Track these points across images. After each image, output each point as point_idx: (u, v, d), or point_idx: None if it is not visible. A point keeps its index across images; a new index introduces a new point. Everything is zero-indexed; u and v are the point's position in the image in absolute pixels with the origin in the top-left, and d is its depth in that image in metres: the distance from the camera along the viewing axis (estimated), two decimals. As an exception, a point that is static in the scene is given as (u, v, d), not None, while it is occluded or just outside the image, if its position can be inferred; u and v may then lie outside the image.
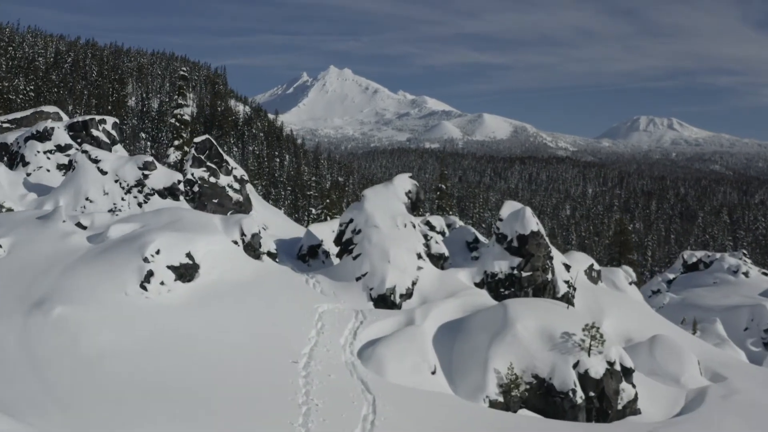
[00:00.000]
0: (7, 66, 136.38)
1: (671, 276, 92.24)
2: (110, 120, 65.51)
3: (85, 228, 39.47)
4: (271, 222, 66.01)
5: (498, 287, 43.34)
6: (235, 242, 39.87)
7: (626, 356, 34.39)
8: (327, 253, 47.58)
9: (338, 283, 40.82)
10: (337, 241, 44.51)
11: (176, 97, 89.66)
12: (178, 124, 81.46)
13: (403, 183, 46.21)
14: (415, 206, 46.51)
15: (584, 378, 32.15)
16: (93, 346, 26.79)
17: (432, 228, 52.10)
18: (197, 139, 63.76)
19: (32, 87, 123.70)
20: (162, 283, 32.82)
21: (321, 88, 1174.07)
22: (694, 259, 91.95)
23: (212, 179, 62.45)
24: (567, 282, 45.60)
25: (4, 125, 71.04)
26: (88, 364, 25.54)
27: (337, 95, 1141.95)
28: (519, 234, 43.95)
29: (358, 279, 40.56)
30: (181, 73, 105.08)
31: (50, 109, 74.34)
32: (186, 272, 34.29)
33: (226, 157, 64.87)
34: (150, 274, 32.60)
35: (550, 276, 44.06)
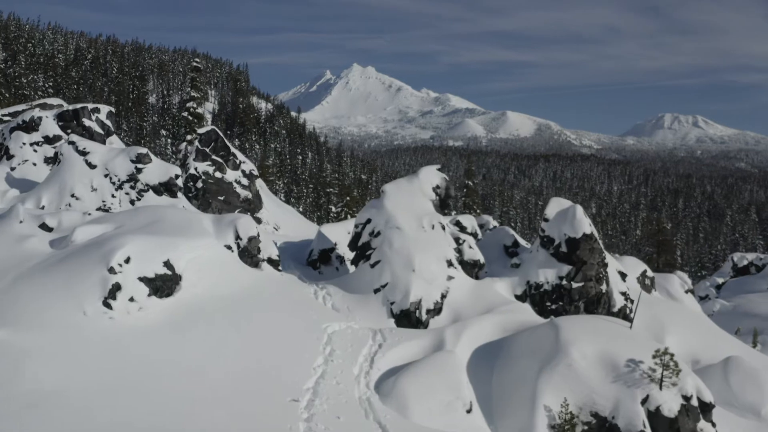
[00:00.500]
0: (27, 62, 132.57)
1: (720, 280, 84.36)
2: (105, 108, 58.90)
3: (50, 230, 32.56)
4: (283, 221, 59.50)
5: (543, 300, 36.10)
6: (229, 247, 33.05)
7: (704, 389, 27.10)
8: (342, 259, 40.67)
9: (353, 296, 34.00)
10: (353, 245, 37.54)
11: (189, 89, 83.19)
12: (191, 117, 74.64)
13: (430, 176, 38.80)
14: (444, 204, 39.17)
15: (655, 417, 25.15)
16: (37, 382, 20.31)
17: (462, 229, 44.79)
18: (201, 130, 57.22)
19: (51, 83, 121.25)
20: (131, 300, 26.28)
21: (344, 86, 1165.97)
22: (745, 262, 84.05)
23: (218, 174, 55.89)
24: (624, 294, 38.38)
25: (5, 118, 64.64)
26: (28, 407, 18.93)
27: (360, 93, 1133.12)
28: (569, 237, 36.46)
29: (376, 291, 33.69)
30: (194, 64, 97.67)
31: (54, 101, 67.84)
32: (163, 285, 27.66)
33: (233, 149, 58.28)
34: (116, 288, 26.00)
35: (604, 287, 36.72)
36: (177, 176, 49.00)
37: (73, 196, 46.44)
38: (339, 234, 42.21)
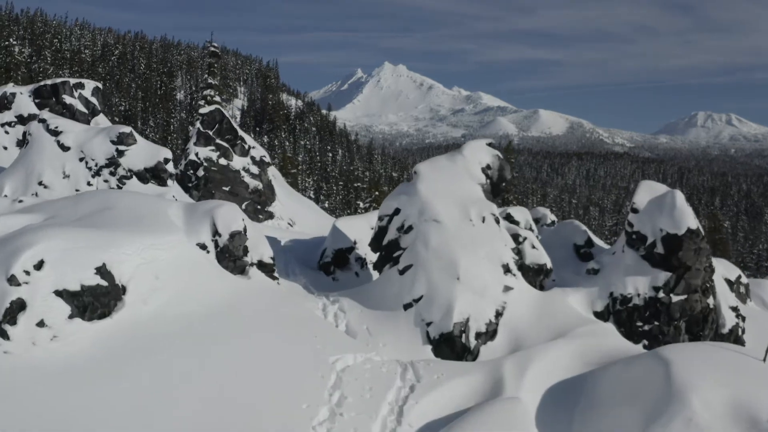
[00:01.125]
0: (52, 58, 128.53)
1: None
2: (90, 84, 49.92)
3: (-32, 222, 23.56)
4: (300, 216, 50.67)
5: (632, 319, 26.27)
6: (203, 246, 23.77)
7: None
8: (363, 262, 31.53)
9: (375, 312, 24.50)
10: (376, 243, 27.64)
11: (206, 76, 74.61)
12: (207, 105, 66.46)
13: (479, 153, 28.48)
14: (497, 189, 29.03)
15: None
16: None
17: (514, 224, 34.39)
18: (203, 110, 48.37)
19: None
20: (41, 325, 17.21)
21: (375, 84, 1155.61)
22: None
23: (222, 161, 47.11)
24: (735, 309, 28.63)
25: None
26: None
27: (391, 91, 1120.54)
28: (667, 234, 26.61)
29: (407, 307, 24.14)
30: (212, 49, 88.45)
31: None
32: (94, 302, 18.53)
33: (241, 133, 49.40)
34: (18, 306, 17.08)
35: (711, 300, 26.93)
36: (167, 160, 39.74)
37: (41, 183, 37.72)
38: (360, 229, 32.96)
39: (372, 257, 30.75)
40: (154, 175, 39.41)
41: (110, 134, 39.60)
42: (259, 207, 48.02)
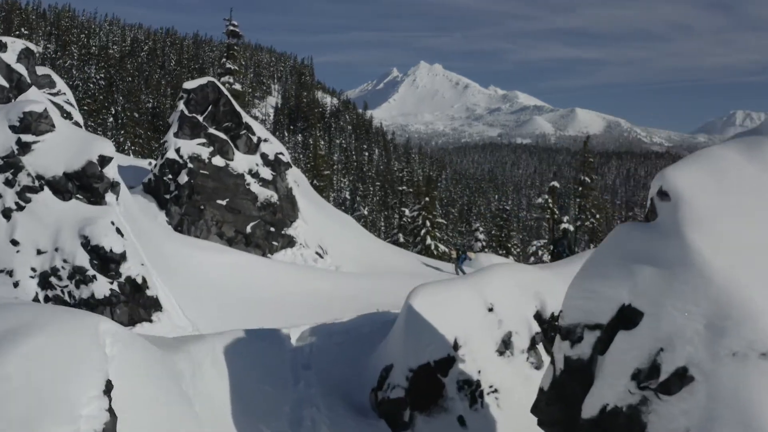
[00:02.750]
0: (79, 53, 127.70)
1: None
2: (17, 45, 32.23)
3: None
4: (333, 240, 33.77)
5: None
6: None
7: None
8: (475, 388, 14.23)
9: None
10: (554, 400, 9.13)
11: (223, 59, 59.46)
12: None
13: None
14: None
15: None
16: None
17: None
18: (188, 84, 31.19)
19: (102, 75, 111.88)
20: None
21: (411, 83, 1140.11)
22: None
23: (218, 160, 30.43)
24: None
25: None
26: None
27: (427, 91, 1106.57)
28: None
29: None
30: (231, 27, 70.19)
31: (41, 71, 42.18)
32: None
33: (248, 119, 32.41)
34: None
35: None
36: (105, 159, 22.63)
37: None
38: (465, 312, 15.35)
39: (496, 378, 13.58)
40: (82, 184, 22.32)
41: (9, 115, 22.55)
42: (272, 230, 31.20)
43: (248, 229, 29.68)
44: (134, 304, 20.35)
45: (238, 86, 56.90)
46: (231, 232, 29.46)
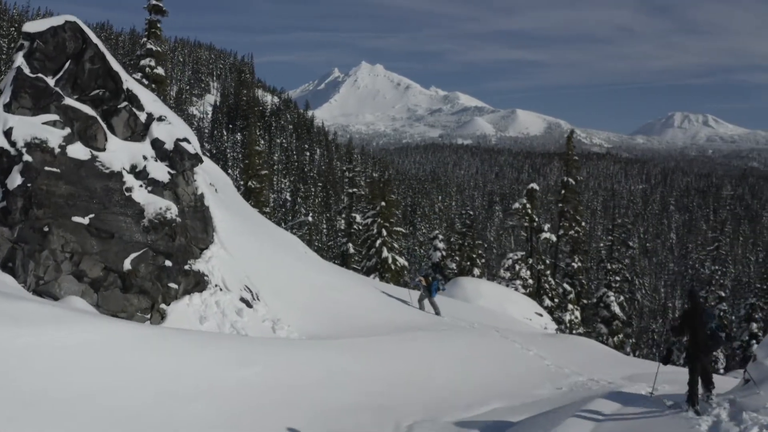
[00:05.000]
0: (8, 47, 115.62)
1: None
2: None
3: None
4: (267, 277, 21.90)
5: None
6: None
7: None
8: None
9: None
10: None
11: (144, 39, 50.26)
12: (146, 81, 45.21)
13: None
14: None
15: None
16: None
17: None
18: (32, 26, 19.12)
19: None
20: None
21: (352, 83, 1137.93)
22: None
23: (77, 150, 18.23)
24: None
25: None
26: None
27: (368, 91, 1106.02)
28: None
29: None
30: (153, 2, 57.73)
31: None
32: None
33: (131, 83, 20.48)
34: None
35: None
36: None
37: None
38: None
39: None
40: None
41: None
42: (169, 264, 19.12)
43: (127, 264, 17.82)
44: None
45: (160, 71, 48.35)
46: (97, 270, 17.61)
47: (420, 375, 17.34)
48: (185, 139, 20.46)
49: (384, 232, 56.51)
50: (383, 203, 57.22)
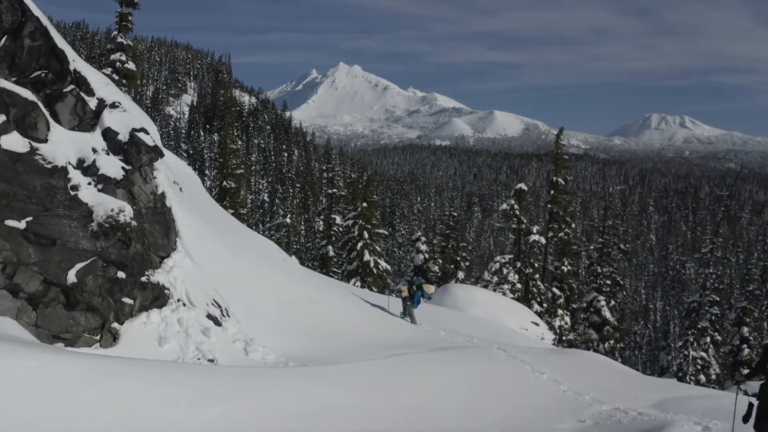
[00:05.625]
0: None
1: None
2: None
3: None
4: (239, 289, 18.88)
5: None
6: None
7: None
8: None
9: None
10: None
11: (114, 33, 45.70)
12: (116, 77, 42.14)
13: None
14: None
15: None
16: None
17: None
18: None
19: None
20: None
21: (330, 84, 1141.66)
22: None
23: (13, 141, 15.19)
24: None
25: None
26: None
27: (346, 92, 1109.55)
28: None
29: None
30: None
31: None
32: None
33: (79, 64, 17.43)
34: None
35: None
36: None
37: None
38: None
39: None
40: None
41: None
42: (122, 275, 16.23)
43: (72, 276, 15.04)
44: None
45: (132, 66, 45.07)
46: (35, 283, 14.81)
47: (428, 409, 14.50)
48: (143, 129, 17.49)
49: (365, 235, 54.14)
50: (364, 204, 54.82)
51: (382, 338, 20.48)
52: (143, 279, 16.57)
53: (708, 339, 55.52)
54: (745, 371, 12.96)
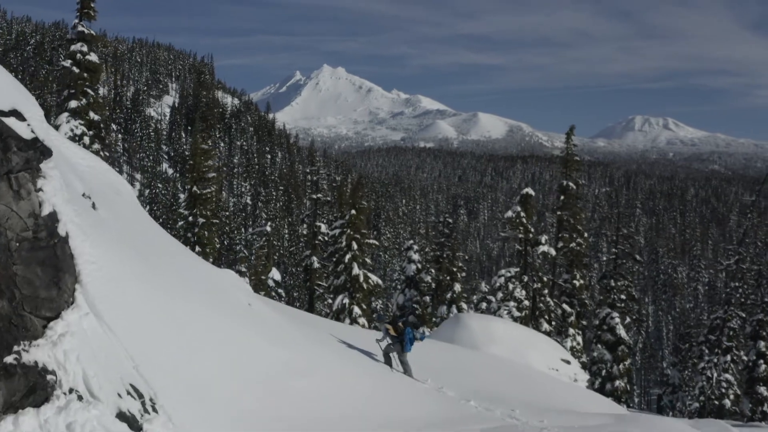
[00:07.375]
0: None
1: None
2: None
3: None
4: (175, 357, 11.83)
5: None
6: None
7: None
8: None
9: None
10: None
11: (75, 21, 43.52)
12: (77, 70, 42.02)
13: None
14: None
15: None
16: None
17: None
18: None
19: None
20: None
21: (314, 87, 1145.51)
22: None
23: None
24: None
25: None
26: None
27: (330, 94, 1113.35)
28: None
29: None
30: None
31: None
32: None
33: None
34: None
35: None
36: None
37: None
38: None
39: None
40: None
41: None
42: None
43: None
44: None
45: (94, 57, 43.09)
46: None
47: None
48: (13, 112, 10.60)
49: (354, 246, 48.56)
50: (353, 212, 49.02)
51: (395, 425, 13.93)
52: (9, 359, 9.81)
53: (729, 358, 51.47)
54: None
